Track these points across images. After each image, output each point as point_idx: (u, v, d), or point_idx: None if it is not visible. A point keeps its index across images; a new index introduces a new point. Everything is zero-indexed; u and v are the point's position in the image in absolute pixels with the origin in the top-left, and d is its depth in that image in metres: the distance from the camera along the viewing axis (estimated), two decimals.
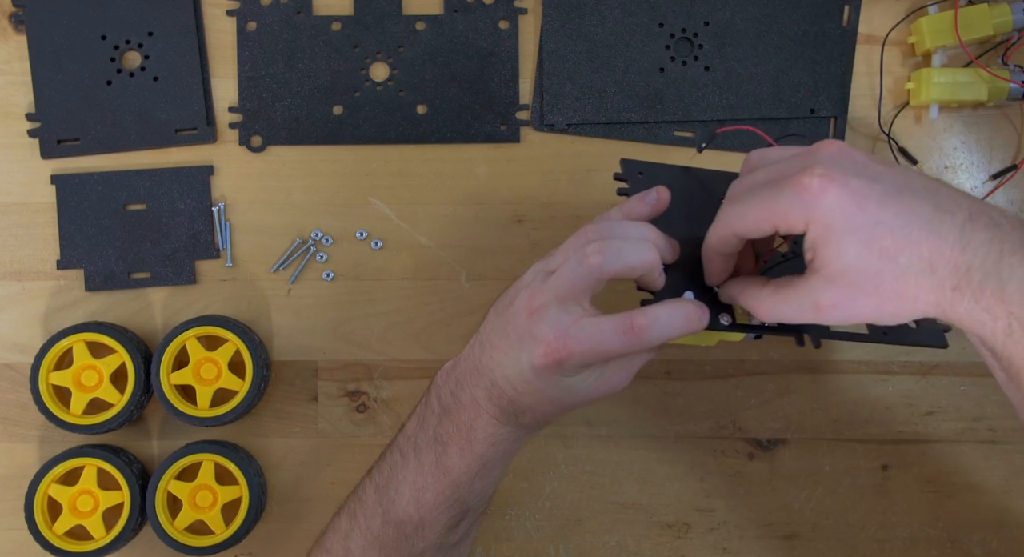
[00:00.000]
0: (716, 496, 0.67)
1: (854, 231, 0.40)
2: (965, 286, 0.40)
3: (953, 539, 0.67)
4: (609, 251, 0.46)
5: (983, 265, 0.40)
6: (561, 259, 0.48)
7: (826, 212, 0.40)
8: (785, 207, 0.42)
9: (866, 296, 0.41)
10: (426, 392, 0.53)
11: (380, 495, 0.53)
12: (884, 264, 0.40)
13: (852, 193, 0.40)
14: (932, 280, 0.40)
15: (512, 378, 0.48)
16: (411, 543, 0.52)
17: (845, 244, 0.40)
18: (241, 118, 0.68)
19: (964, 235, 0.40)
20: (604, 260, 0.46)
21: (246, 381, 0.64)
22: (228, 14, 0.68)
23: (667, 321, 0.45)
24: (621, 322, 0.45)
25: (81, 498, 0.64)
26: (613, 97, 0.67)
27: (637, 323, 0.45)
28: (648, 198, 0.50)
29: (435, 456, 0.51)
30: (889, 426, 0.67)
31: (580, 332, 0.45)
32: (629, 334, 0.45)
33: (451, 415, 0.51)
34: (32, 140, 0.67)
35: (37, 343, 0.65)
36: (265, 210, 0.67)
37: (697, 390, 0.67)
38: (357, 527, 0.53)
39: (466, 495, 0.51)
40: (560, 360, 0.46)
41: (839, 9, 0.67)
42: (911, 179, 0.42)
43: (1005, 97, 0.64)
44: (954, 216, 0.40)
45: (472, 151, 0.68)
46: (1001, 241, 0.40)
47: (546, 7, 0.67)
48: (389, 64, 0.68)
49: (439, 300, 0.67)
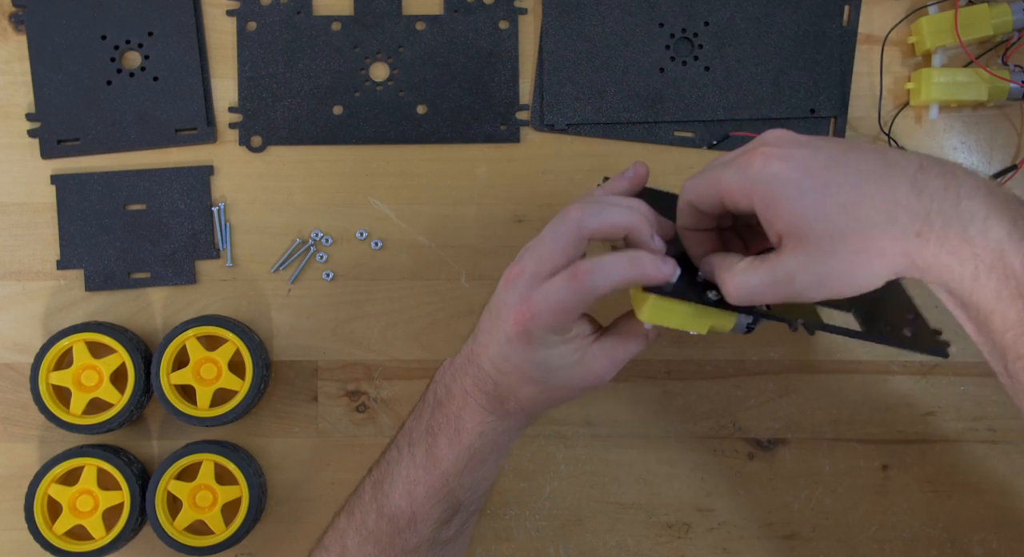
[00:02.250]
0: (716, 496, 0.67)
1: (804, 194, 0.41)
2: (928, 231, 0.40)
3: (953, 539, 0.67)
4: (590, 208, 0.46)
5: (942, 209, 0.40)
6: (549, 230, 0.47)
7: (770, 182, 0.41)
8: (728, 180, 0.43)
9: (832, 257, 0.41)
10: (426, 388, 0.54)
11: (376, 490, 0.53)
12: (843, 220, 0.40)
13: (796, 162, 0.41)
14: (894, 229, 0.40)
15: (493, 357, 0.48)
16: (404, 538, 0.52)
17: (799, 208, 0.41)
18: (241, 118, 0.68)
19: (917, 183, 0.40)
20: (584, 214, 0.45)
21: (246, 381, 0.64)
22: (228, 14, 0.68)
23: (611, 265, 0.45)
24: (566, 271, 0.45)
25: (81, 498, 0.64)
26: (613, 97, 0.67)
27: (581, 268, 0.45)
28: (628, 173, 0.50)
29: (426, 448, 0.52)
30: (889, 426, 0.67)
31: (539, 293, 0.45)
32: (574, 280, 0.44)
33: (443, 407, 0.52)
34: (32, 140, 0.67)
35: (37, 343, 0.65)
36: (265, 210, 0.67)
37: (697, 390, 0.67)
38: (353, 523, 0.54)
39: (456, 488, 0.52)
40: (525, 324, 0.46)
41: (839, 9, 0.67)
42: (856, 144, 0.43)
43: (1005, 97, 0.64)
44: (904, 168, 0.41)
45: (472, 151, 0.68)
46: (957, 186, 0.40)
47: (546, 7, 0.67)
48: (389, 64, 0.68)
49: (439, 300, 0.67)
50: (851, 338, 0.47)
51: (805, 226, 0.41)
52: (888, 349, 0.66)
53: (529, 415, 0.52)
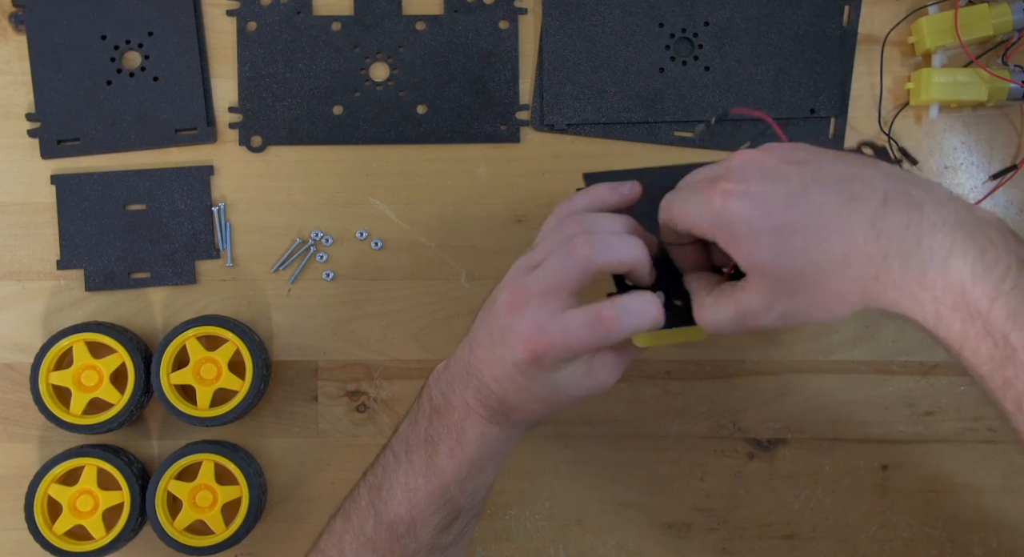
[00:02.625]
0: (716, 496, 0.67)
1: (759, 236, 0.40)
2: (886, 275, 0.39)
3: (953, 539, 0.67)
4: (598, 243, 0.45)
5: (900, 250, 0.39)
6: (544, 253, 0.47)
7: (729, 223, 0.41)
8: (693, 216, 0.43)
9: (791, 297, 0.41)
10: (419, 393, 0.53)
11: (373, 496, 0.53)
12: (799, 263, 0.40)
13: (754, 201, 0.41)
14: (851, 272, 0.39)
15: (499, 377, 0.48)
16: (403, 544, 0.52)
17: (756, 250, 0.41)
18: (241, 118, 0.68)
19: (877, 223, 0.39)
20: (593, 251, 0.45)
21: (246, 381, 0.64)
22: (228, 14, 0.68)
23: (637, 311, 0.45)
24: (589, 313, 0.45)
25: (81, 498, 0.64)
26: (613, 97, 0.67)
27: (605, 314, 0.44)
28: (621, 189, 0.49)
29: (426, 457, 0.51)
30: (889, 426, 0.67)
31: (554, 325, 0.45)
32: (597, 325, 0.44)
33: (441, 416, 0.51)
34: (32, 140, 0.67)
35: (37, 343, 0.65)
36: (265, 210, 0.67)
37: (697, 390, 0.67)
38: (351, 529, 0.53)
39: (457, 495, 0.51)
40: (538, 355, 0.45)
41: (839, 9, 0.67)
42: (824, 170, 0.41)
43: (1005, 97, 0.64)
44: (867, 203, 0.39)
45: (472, 151, 0.68)
46: (920, 222, 0.39)
47: (546, 7, 0.67)
48: (389, 64, 0.68)
49: (439, 300, 0.67)
50: None
51: (763, 266, 0.41)
52: (888, 349, 0.66)
53: (532, 424, 0.52)
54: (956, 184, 0.67)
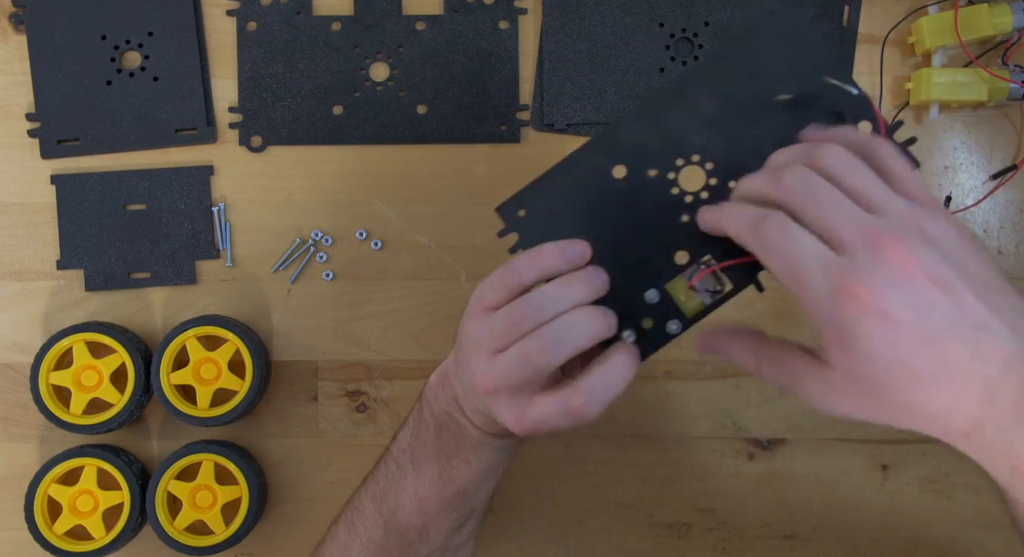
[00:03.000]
0: (716, 496, 0.67)
1: (875, 361, 0.38)
2: (976, 436, 0.38)
3: (953, 539, 0.67)
4: (552, 344, 0.43)
5: (999, 421, 0.38)
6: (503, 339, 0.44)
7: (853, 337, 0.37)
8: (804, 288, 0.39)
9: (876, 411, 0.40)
10: (417, 404, 0.53)
11: (379, 505, 0.53)
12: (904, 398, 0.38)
13: (889, 328, 0.37)
14: (945, 424, 0.39)
15: (486, 424, 0.49)
16: (416, 549, 0.52)
17: (866, 370, 0.38)
18: (241, 118, 0.68)
19: (990, 389, 0.37)
20: (550, 358, 0.43)
21: (246, 381, 0.64)
22: (228, 14, 0.68)
23: (604, 387, 0.44)
24: (560, 403, 0.43)
25: (81, 498, 0.64)
26: (613, 97, 0.67)
27: (574, 405, 0.43)
28: (569, 254, 0.46)
29: (438, 469, 0.51)
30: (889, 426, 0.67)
31: (534, 414, 0.44)
32: (568, 416, 0.43)
33: (449, 431, 0.51)
34: (32, 140, 0.67)
35: (37, 343, 0.65)
36: (265, 210, 0.67)
37: (697, 390, 0.67)
38: (357, 538, 0.53)
39: (473, 498, 0.52)
40: (523, 436, 0.46)
41: (839, 9, 0.67)
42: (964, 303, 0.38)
43: (1005, 97, 0.64)
44: (988, 365, 0.37)
45: (472, 151, 0.68)
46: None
47: (546, 7, 0.67)
48: (389, 64, 0.68)
49: (439, 300, 0.67)
50: None
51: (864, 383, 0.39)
52: None
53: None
54: (956, 184, 0.67)
